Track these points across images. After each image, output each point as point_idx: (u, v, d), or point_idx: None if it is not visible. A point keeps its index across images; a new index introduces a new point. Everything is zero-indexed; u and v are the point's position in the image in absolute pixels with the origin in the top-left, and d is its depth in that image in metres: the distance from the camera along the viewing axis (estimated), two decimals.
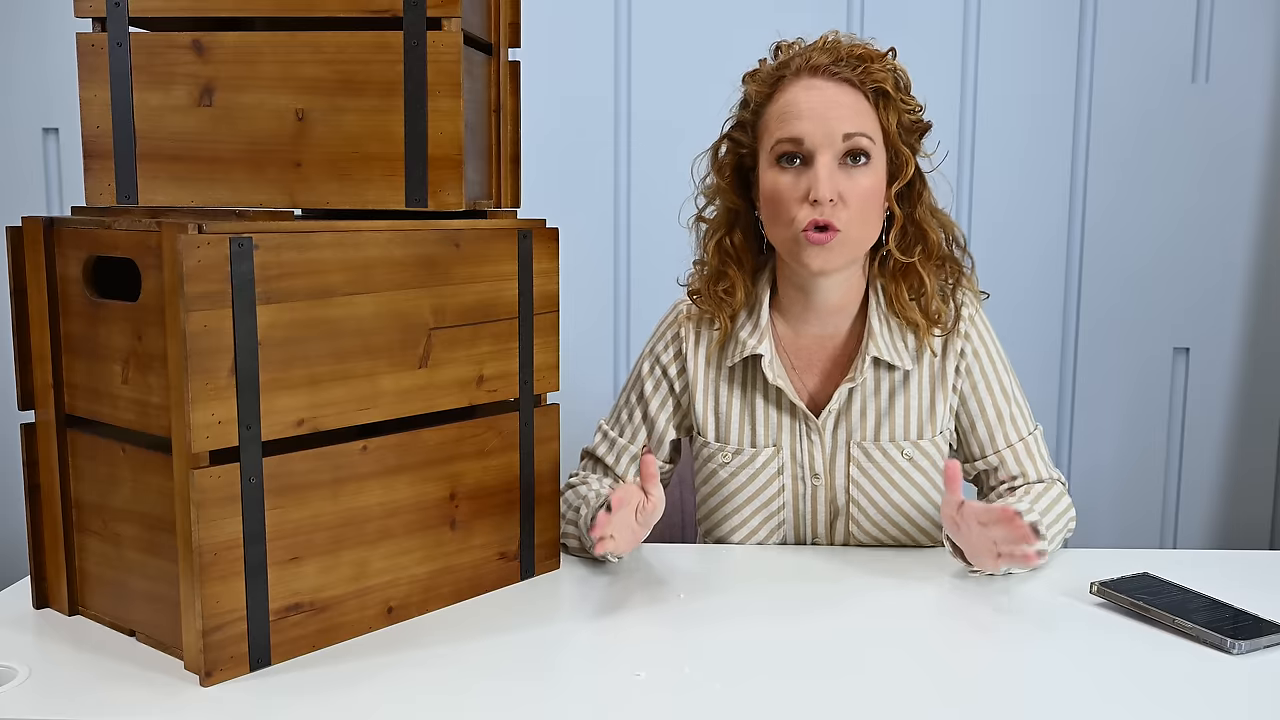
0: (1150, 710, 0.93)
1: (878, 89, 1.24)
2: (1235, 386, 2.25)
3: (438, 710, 0.93)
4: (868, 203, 1.25)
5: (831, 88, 1.23)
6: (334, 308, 1.02)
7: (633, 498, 1.14)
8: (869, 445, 1.33)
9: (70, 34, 1.14)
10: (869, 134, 1.24)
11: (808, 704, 0.94)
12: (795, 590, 1.20)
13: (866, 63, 1.24)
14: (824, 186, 1.21)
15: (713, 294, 1.33)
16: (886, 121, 1.25)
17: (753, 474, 1.35)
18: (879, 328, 1.31)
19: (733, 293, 1.32)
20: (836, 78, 1.24)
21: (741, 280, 1.33)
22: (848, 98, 1.24)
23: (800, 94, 1.24)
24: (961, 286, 1.34)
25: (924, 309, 1.30)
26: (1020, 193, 2.22)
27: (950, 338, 1.32)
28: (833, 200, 1.21)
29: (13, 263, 1.07)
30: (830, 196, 1.21)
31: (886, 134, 1.25)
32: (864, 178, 1.24)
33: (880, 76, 1.24)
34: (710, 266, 1.34)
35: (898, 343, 1.31)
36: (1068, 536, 1.32)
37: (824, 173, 1.22)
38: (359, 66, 1.07)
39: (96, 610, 1.10)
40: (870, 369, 1.31)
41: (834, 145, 1.22)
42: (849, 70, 1.23)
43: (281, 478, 1.00)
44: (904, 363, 1.31)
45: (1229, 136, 2.17)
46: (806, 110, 1.23)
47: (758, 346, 1.32)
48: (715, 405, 1.36)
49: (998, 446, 1.33)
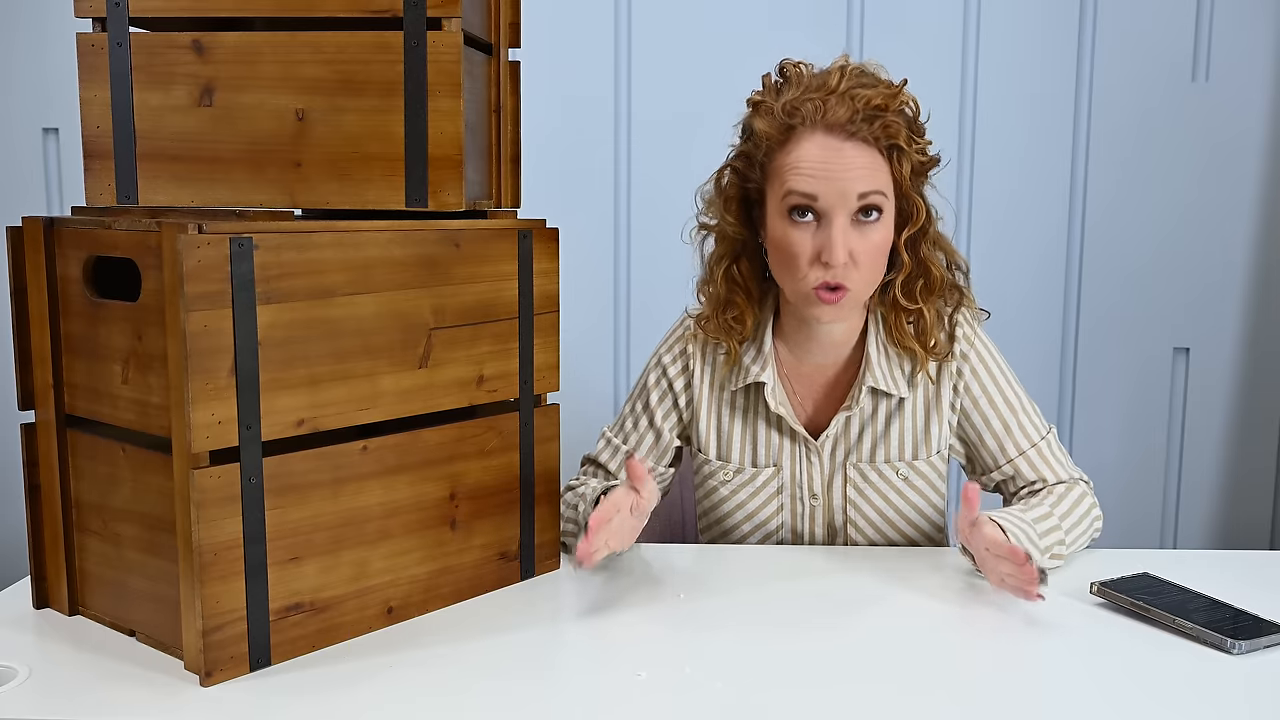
0: (1150, 710, 0.93)
1: (892, 145, 1.21)
2: (1235, 386, 2.25)
3: (438, 710, 0.93)
4: (879, 258, 1.24)
5: (848, 147, 1.19)
6: (334, 308, 1.02)
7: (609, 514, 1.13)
8: (865, 466, 1.34)
9: (70, 34, 1.14)
10: (883, 190, 1.21)
11: (808, 704, 0.94)
12: (795, 590, 1.20)
13: (883, 114, 1.20)
14: (839, 252, 1.19)
15: (722, 322, 1.33)
16: (900, 174, 1.22)
17: (753, 492, 1.37)
18: (876, 357, 1.31)
19: (741, 320, 1.33)
20: (852, 137, 1.20)
21: (750, 308, 1.33)
22: (864, 157, 1.20)
23: (815, 151, 1.20)
24: (960, 309, 1.33)
25: (922, 339, 1.30)
26: (1020, 193, 2.22)
27: (945, 361, 1.33)
28: (845, 263, 1.20)
29: (13, 263, 1.07)
30: (844, 260, 1.20)
31: (899, 185, 1.23)
32: (876, 234, 1.22)
33: (895, 130, 1.20)
34: (718, 295, 1.33)
35: (894, 371, 1.32)
36: (1095, 537, 1.32)
37: (839, 236, 1.19)
38: (359, 66, 1.07)
39: (96, 610, 1.10)
40: (867, 397, 1.33)
41: (849, 206, 1.20)
42: (866, 128, 1.19)
43: (281, 478, 1.00)
44: (900, 390, 1.32)
45: (1229, 136, 2.17)
46: (822, 170, 1.19)
47: (760, 374, 1.32)
48: (718, 424, 1.37)
49: (1010, 456, 1.33)
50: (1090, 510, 1.31)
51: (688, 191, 1.38)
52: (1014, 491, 1.36)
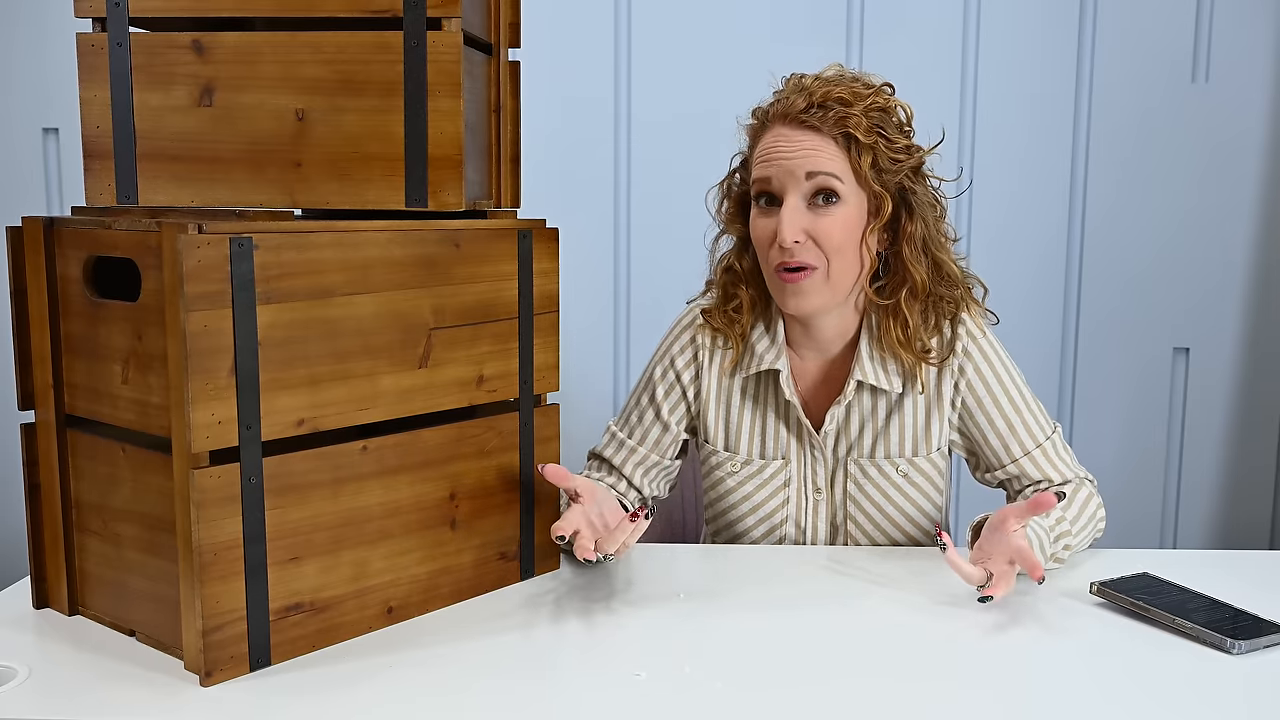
0: (1150, 710, 0.93)
1: (846, 134, 1.23)
2: (1235, 386, 2.25)
3: (438, 710, 0.93)
4: (843, 242, 1.25)
5: (800, 134, 1.25)
6: (334, 308, 1.02)
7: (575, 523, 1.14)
8: (865, 462, 1.35)
9: (70, 34, 1.14)
10: (835, 174, 1.24)
11: (808, 703, 0.94)
12: (795, 589, 1.20)
13: (843, 107, 1.23)
14: (786, 229, 1.23)
15: (723, 313, 1.36)
16: (858, 163, 1.24)
17: (760, 484, 1.38)
18: (866, 354, 1.32)
19: (741, 310, 1.35)
20: (804, 125, 1.24)
21: (749, 298, 1.35)
22: (814, 141, 1.24)
23: (771, 140, 1.27)
24: (963, 314, 1.33)
25: (908, 344, 1.30)
26: (1020, 193, 2.22)
27: (947, 358, 1.33)
28: (798, 241, 1.24)
29: (13, 263, 1.07)
30: (795, 238, 1.23)
31: (858, 174, 1.25)
32: (831, 216, 1.24)
33: (851, 121, 1.23)
34: (721, 288, 1.38)
35: (888, 367, 1.33)
36: (1098, 537, 1.33)
37: (787, 215, 1.24)
38: (359, 66, 1.07)
39: (96, 610, 1.10)
40: (864, 391, 1.34)
41: (799, 186, 1.24)
42: (817, 117, 1.24)
43: (281, 478, 1.00)
44: (893, 386, 1.33)
45: (1229, 136, 2.17)
46: (774, 154, 1.26)
47: (775, 362, 1.34)
48: (726, 415, 1.38)
49: (1014, 455, 1.34)
50: (1095, 511, 1.31)
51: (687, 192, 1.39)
52: (1019, 490, 1.36)
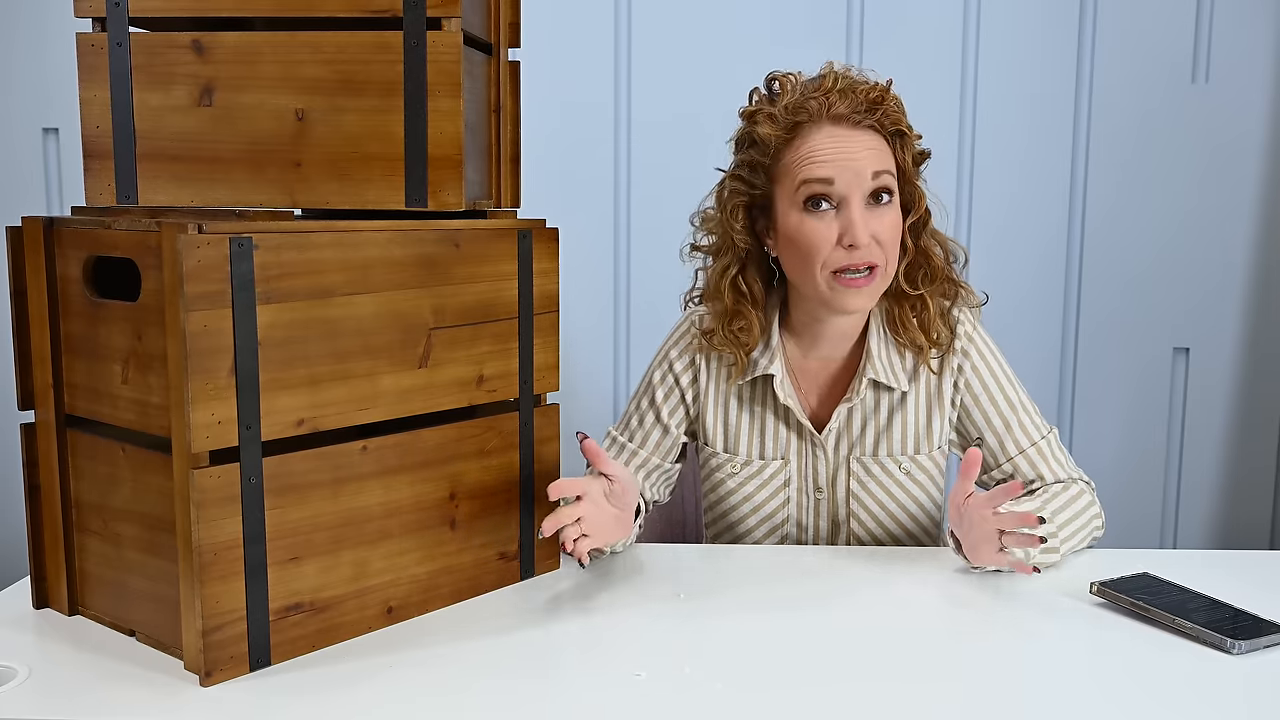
0: (1150, 710, 0.93)
1: (896, 130, 1.26)
2: (1235, 386, 2.25)
3: (438, 710, 0.93)
4: (897, 238, 1.27)
5: (856, 133, 1.25)
6: (334, 308, 1.02)
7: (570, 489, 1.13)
8: (868, 460, 1.36)
9: (70, 34, 1.14)
10: (892, 172, 1.26)
11: (808, 703, 0.94)
12: (795, 589, 1.20)
13: (881, 104, 1.25)
14: (861, 231, 1.22)
15: (729, 334, 1.34)
16: (903, 159, 1.28)
17: (760, 485, 1.38)
18: (877, 350, 1.33)
19: (749, 330, 1.33)
20: (860, 125, 1.25)
21: (757, 317, 1.33)
22: (872, 141, 1.25)
23: (824, 141, 1.24)
24: (958, 303, 1.35)
25: (925, 330, 1.32)
26: (1020, 193, 2.21)
27: (947, 356, 1.34)
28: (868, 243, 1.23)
29: (13, 263, 1.07)
30: (866, 240, 1.23)
31: (903, 171, 1.28)
32: (890, 215, 1.26)
33: (896, 117, 1.26)
34: (725, 307, 1.34)
35: (895, 364, 1.34)
36: (1096, 537, 1.33)
37: (859, 216, 1.23)
38: (359, 66, 1.07)
39: (96, 610, 1.10)
40: (869, 389, 1.34)
41: (863, 186, 1.24)
42: (869, 116, 1.25)
43: (281, 478, 1.00)
44: (901, 384, 1.34)
45: (1229, 136, 2.17)
46: (834, 155, 1.23)
47: (769, 367, 1.34)
48: (725, 418, 1.39)
49: (1010, 454, 1.34)
50: (1087, 509, 1.31)
51: (687, 192, 1.38)
52: None
